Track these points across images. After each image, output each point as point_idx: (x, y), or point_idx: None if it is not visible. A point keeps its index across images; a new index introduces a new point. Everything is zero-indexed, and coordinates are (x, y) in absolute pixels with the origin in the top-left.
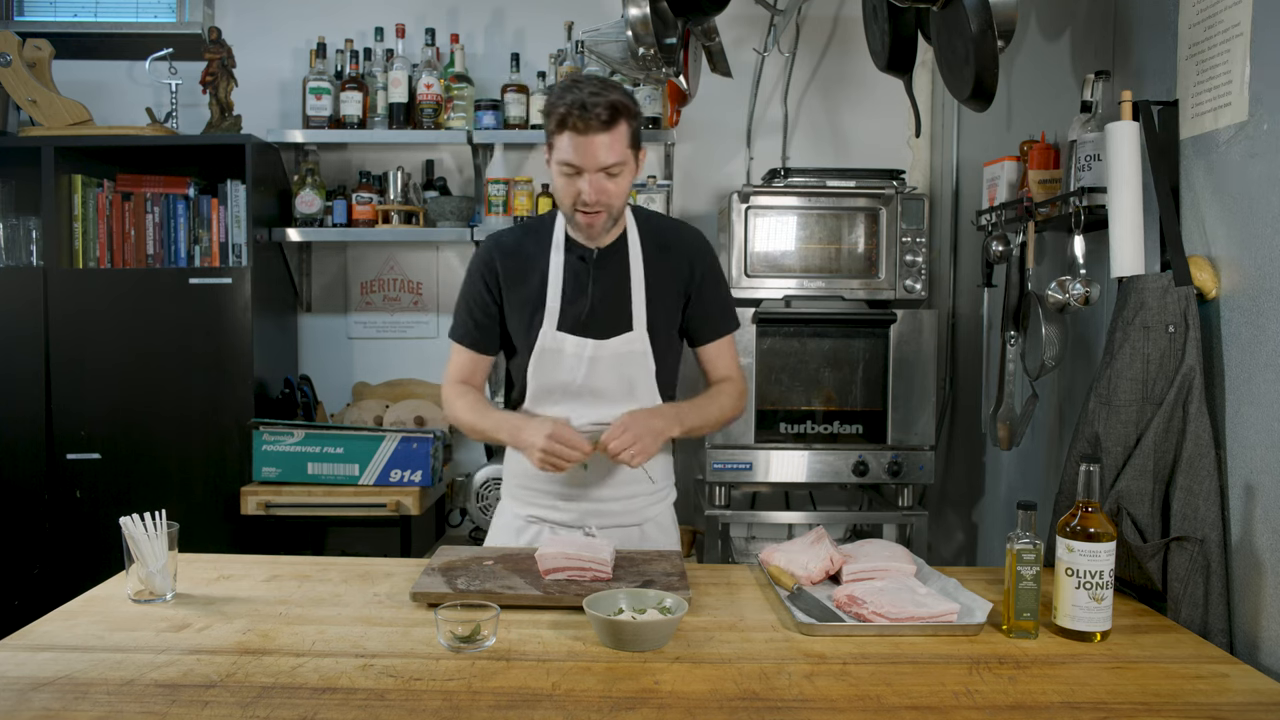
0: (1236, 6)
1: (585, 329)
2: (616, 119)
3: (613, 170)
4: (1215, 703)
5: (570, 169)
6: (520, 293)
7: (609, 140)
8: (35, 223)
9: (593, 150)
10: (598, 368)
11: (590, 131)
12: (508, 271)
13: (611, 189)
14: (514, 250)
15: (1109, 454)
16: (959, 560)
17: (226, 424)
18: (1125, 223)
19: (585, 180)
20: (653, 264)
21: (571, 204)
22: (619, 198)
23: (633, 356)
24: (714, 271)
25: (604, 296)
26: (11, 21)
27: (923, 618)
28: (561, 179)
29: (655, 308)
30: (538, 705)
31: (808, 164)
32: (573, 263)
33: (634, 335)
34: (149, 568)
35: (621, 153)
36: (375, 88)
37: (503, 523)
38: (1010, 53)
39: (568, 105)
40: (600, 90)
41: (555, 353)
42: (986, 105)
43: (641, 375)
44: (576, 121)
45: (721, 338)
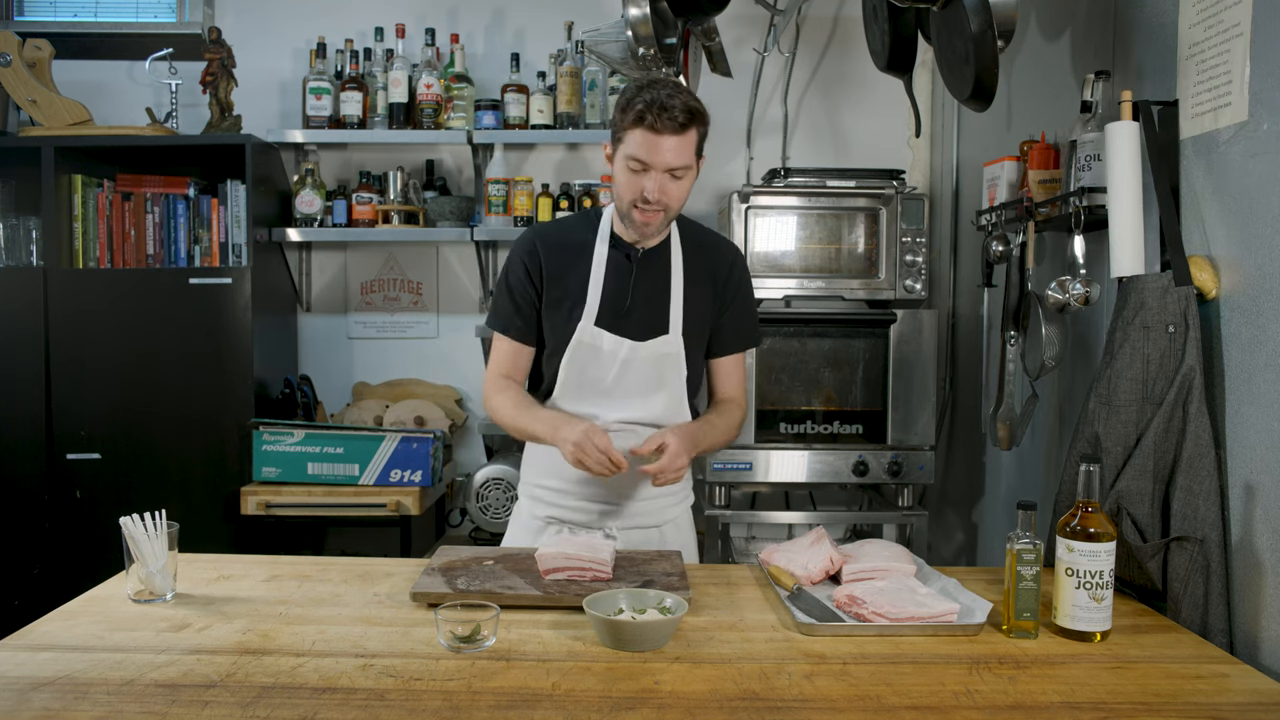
0: (1236, 6)
1: (623, 328)
2: (691, 123)
3: (678, 173)
4: (1215, 703)
5: (638, 165)
6: (561, 284)
7: (680, 143)
8: (35, 223)
9: (663, 150)
10: (631, 368)
11: (665, 131)
12: (550, 261)
13: (673, 190)
14: (557, 241)
15: (1109, 454)
16: (959, 560)
17: (226, 424)
18: (1125, 223)
19: (651, 178)
20: (692, 269)
21: (631, 200)
22: (678, 200)
23: (667, 359)
24: (747, 286)
25: (644, 297)
26: (11, 21)
27: (923, 618)
28: (626, 174)
29: (691, 312)
30: (538, 705)
31: (808, 164)
32: (617, 259)
33: (669, 338)
34: (149, 568)
35: (689, 156)
36: (375, 88)
37: (521, 524)
38: (1010, 53)
39: (646, 103)
40: (677, 92)
41: (591, 348)
42: (986, 105)
43: (673, 378)
44: (654, 120)
45: (739, 353)
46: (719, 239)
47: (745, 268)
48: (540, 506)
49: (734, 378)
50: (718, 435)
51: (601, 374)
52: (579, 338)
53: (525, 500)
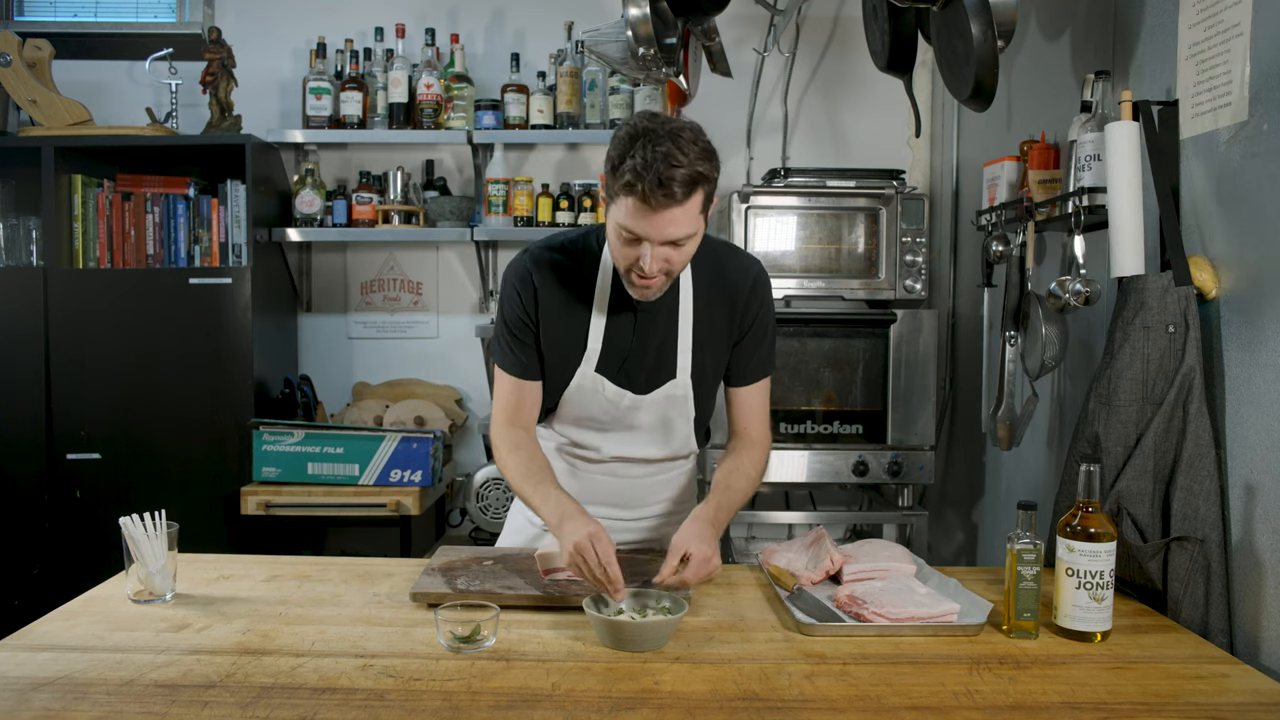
0: (1236, 6)
1: (626, 378)
2: (693, 191)
3: (680, 242)
4: (1215, 703)
5: (631, 235)
6: (559, 324)
7: (681, 214)
8: (35, 223)
9: (660, 225)
10: (634, 414)
11: (661, 207)
12: (546, 296)
13: (675, 258)
14: (554, 273)
15: (1109, 454)
16: (959, 560)
17: (226, 424)
18: (1125, 223)
19: (646, 249)
20: (704, 305)
21: (626, 269)
22: (681, 265)
23: (673, 401)
24: (767, 309)
25: (649, 343)
26: (11, 21)
27: (923, 618)
28: (618, 240)
29: (701, 353)
30: (538, 705)
31: (808, 164)
32: (618, 301)
33: (675, 384)
34: (149, 568)
35: (693, 224)
36: (375, 88)
37: (516, 526)
38: (1010, 53)
39: (636, 170)
40: (677, 151)
41: (592, 392)
42: (986, 105)
43: (679, 419)
44: (647, 192)
45: (759, 381)
46: (739, 258)
47: (767, 287)
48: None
49: (756, 412)
50: (739, 498)
51: (603, 418)
52: (579, 382)
53: (520, 505)
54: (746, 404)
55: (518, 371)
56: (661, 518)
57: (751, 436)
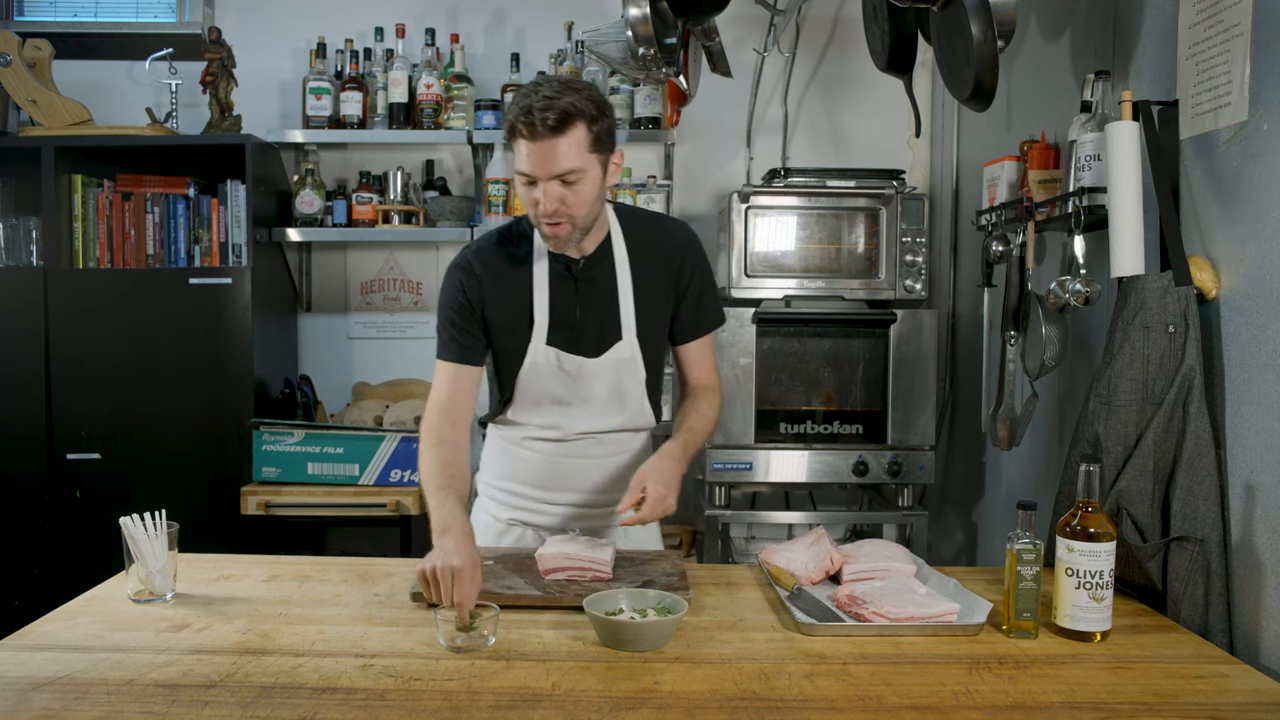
0: (1236, 6)
1: (576, 344)
2: (568, 122)
3: (568, 178)
4: (1215, 703)
5: (525, 177)
6: (505, 305)
7: (562, 145)
8: (35, 223)
9: (543, 157)
10: (589, 380)
11: (539, 138)
12: (490, 281)
13: (570, 199)
14: (494, 259)
15: (1109, 454)
16: (959, 560)
17: (226, 424)
18: (1125, 223)
19: (540, 189)
20: (641, 267)
21: (534, 214)
22: (581, 207)
23: (622, 364)
24: (702, 267)
25: (592, 308)
26: (11, 21)
27: (923, 618)
28: (521, 188)
29: (645, 314)
30: (538, 705)
31: (808, 164)
32: (557, 273)
33: (624, 344)
34: (149, 568)
35: (577, 159)
36: (375, 88)
37: (481, 524)
38: (1010, 53)
39: (516, 112)
40: (556, 94)
41: (546, 366)
42: (986, 105)
43: (631, 382)
44: (524, 128)
45: (703, 336)
46: (669, 223)
47: (699, 248)
48: (502, 509)
49: (705, 363)
50: (701, 436)
51: (559, 391)
52: (532, 358)
53: (486, 500)
54: (694, 359)
55: (455, 356)
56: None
57: (704, 384)
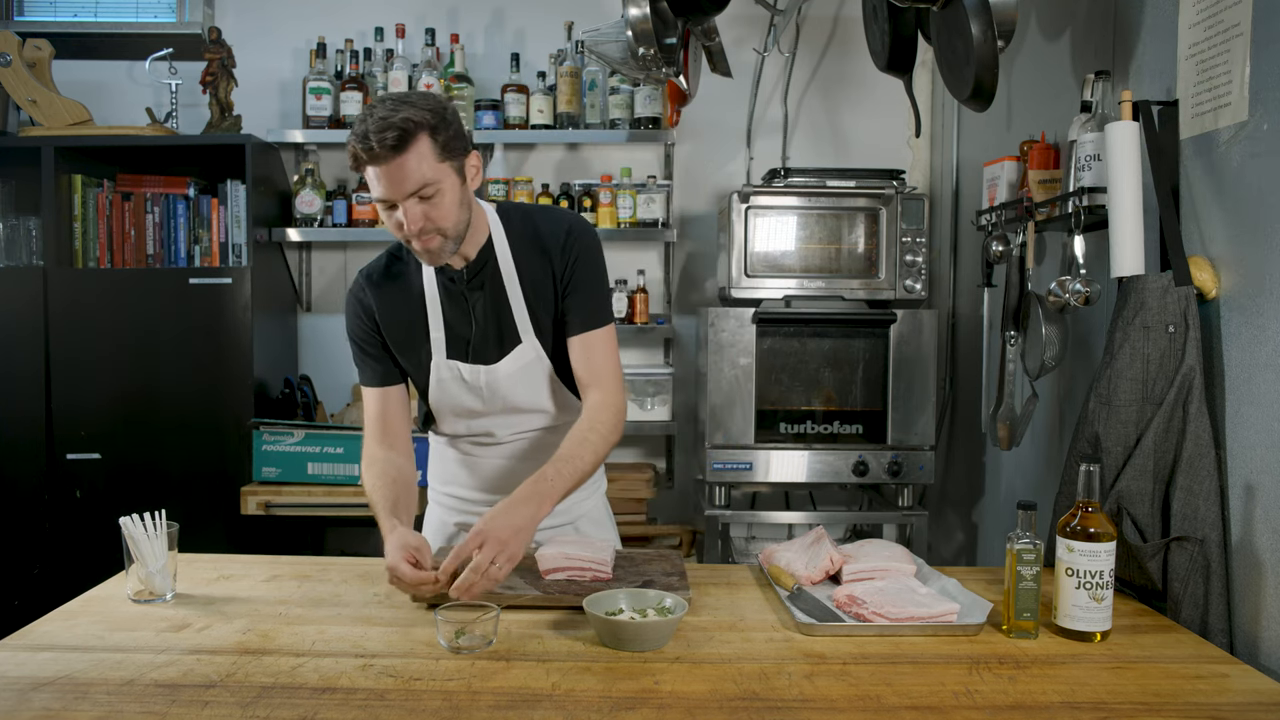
0: (1236, 6)
1: (476, 354)
2: (408, 139)
3: (424, 193)
4: (1215, 703)
5: (383, 203)
6: (400, 325)
7: (410, 163)
8: (35, 223)
9: (393, 179)
10: (498, 388)
11: (382, 160)
12: (382, 304)
13: (433, 213)
14: (383, 281)
15: (1109, 454)
16: (959, 560)
17: (226, 424)
18: (1125, 223)
19: (399, 211)
20: (525, 264)
21: (402, 237)
22: (447, 219)
23: (528, 368)
24: (585, 257)
25: (485, 316)
26: (11, 21)
27: (923, 618)
28: (383, 214)
29: (538, 312)
30: (538, 705)
31: (808, 164)
32: (445, 285)
33: (524, 347)
34: (149, 568)
35: (428, 173)
36: (375, 88)
37: (432, 530)
38: (1010, 53)
39: (355, 139)
40: (390, 111)
41: (453, 380)
42: (986, 105)
43: (543, 382)
44: (364, 154)
45: (590, 331)
46: (551, 214)
47: (584, 237)
48: (450, 514)
49: (594, 359)
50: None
51: (470, 401)
52: (437, 375)
53: (435, 507)
54: (580, 354)
55: (376, 380)
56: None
57: (595, 379)
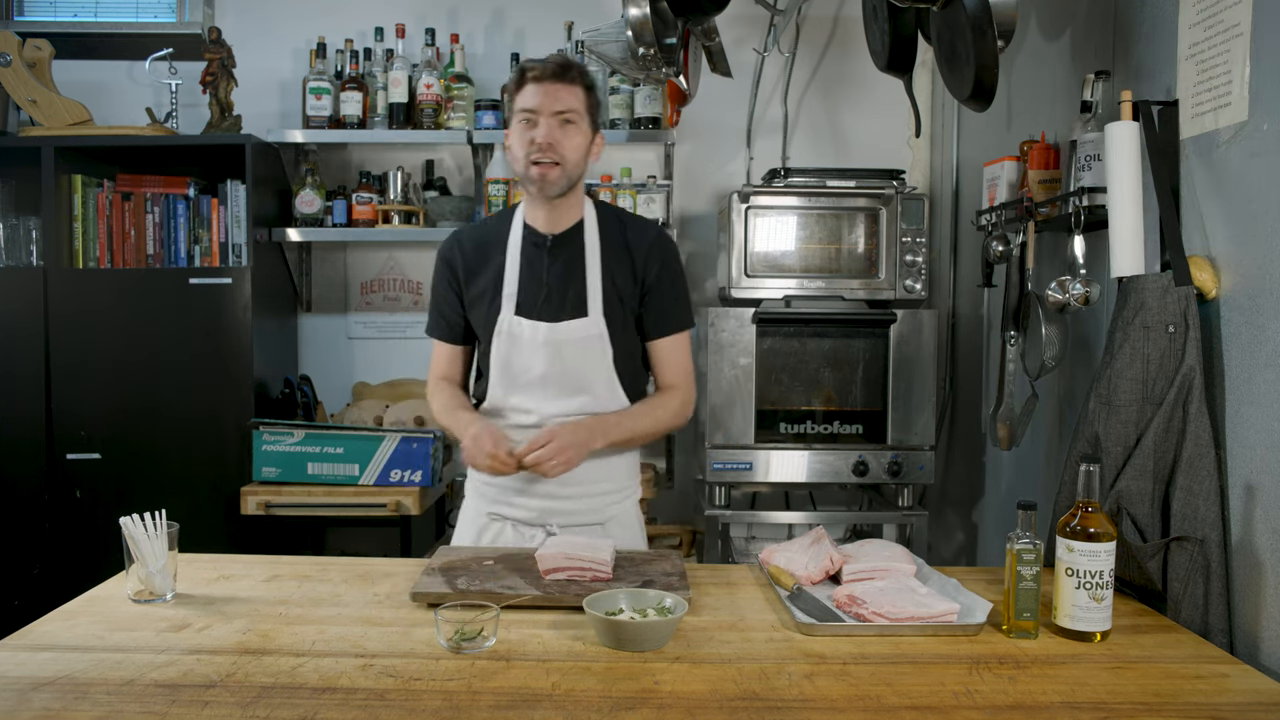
0: (1236, 6)
1: (541, 314)
2: (571, 74)
3: (568, 116)
4: (1215, 703)
5: (527, 114)
6: (480, 282)
7: (563, 89)
8: (35, 223)
9: (548, 94)
10: (555, 354)
11: (545, 78)
12: (468, 262)
13: (565, 141)
14: (474, 242)
15: (1109, 454)
16: (959, 560)
17: (226, 424)
18: (1125, 223)
19: (541, 124)
20: (610, 253)
21: (525, 154)
22: (573, 152)
23: (589, 342)
24: (672, 267)
25: (559, 281)
26: (11, 21)
27: (923, 618)
28: (519, 131)
29: (610, 294)
30: (538, 705)
31: (808, 164)
32: (529, 249)
33: (589, 320)
34: (149, 568)
35: (576, 104)
36: (375, 88)
37: (466, 519)
38: (1010, 53)
39: (524, 64)
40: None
41: (514, 338)
42: (986, 105)
43: (600, 362)
44: (535, 71)
45: (672, 335)
46: (642, 220)
47: (672, 250)
48: (484, 503)
49: (674, 361)
50: (643, 422)
51: (528, 362)
52: (500, 328)
53: (471, 496)
54: (665, 354)
55: (446, 335)
56: (603, 495)
57: (674, 380)
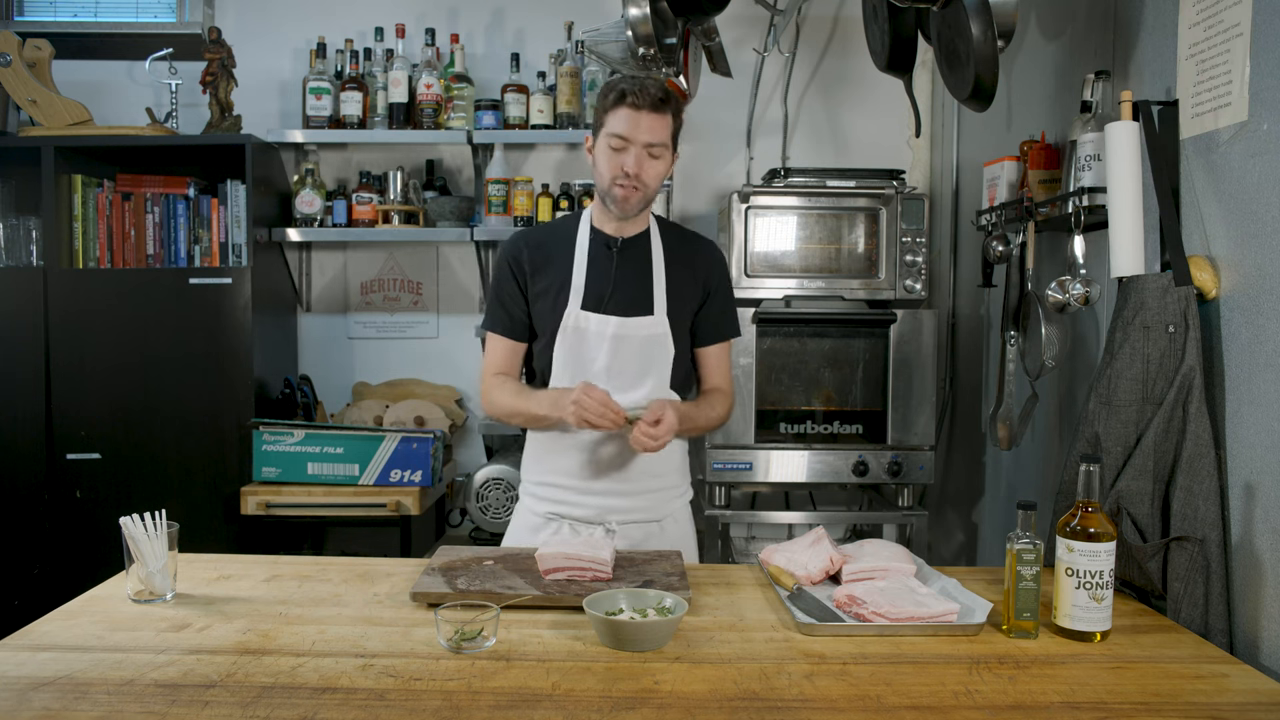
0: (1236, 6)
1: (608, 309)
2: (667, 103)
3: (655, 150)
4: (1215, 703)
5: (620, 141)
6: (544, 279)
7: (658, 121)
8: (35, 223)
9: (643, 125)
10: (620, 348)
11: (644, 108)
12: (534, 260)
13: (650, 169)
14: (540, 242)
15: (1109, 454)
16: (959, 560)
17: (226, 424)
18: (1125, 223)
19: (631, 154)
20: (673, 259)
21: (612, 177)
22: (655, 180)
23: (653, 339)
24: (726, 280)
25: (626, 280)
26: (11, 21)
27: (923, 618)
28: (607, 154)
29: (674, 296)
30: (538, 705)
31: (808, 164)
32: (597, 248)
33: (654, 319)
34: (149, 568)
35: (665, 137)
36: (375, 88)
37: (521, 521)
38: (1010, 53)
39: (627, 84)
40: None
41: (580, 332)
42: (986, 105)
43: (661, 360)
44: (634, 97)
45: (723, 341)
46: (696, 234)
47: (724, 260)
48: (541, 504)
49: (721, 366)
50: (705, 420)
51: (592, 355)
52: (566, 322)
53: (526, 498)
54: (712, 364)
55: (504, 329)
56: (655, 493)
57: (719, 385)
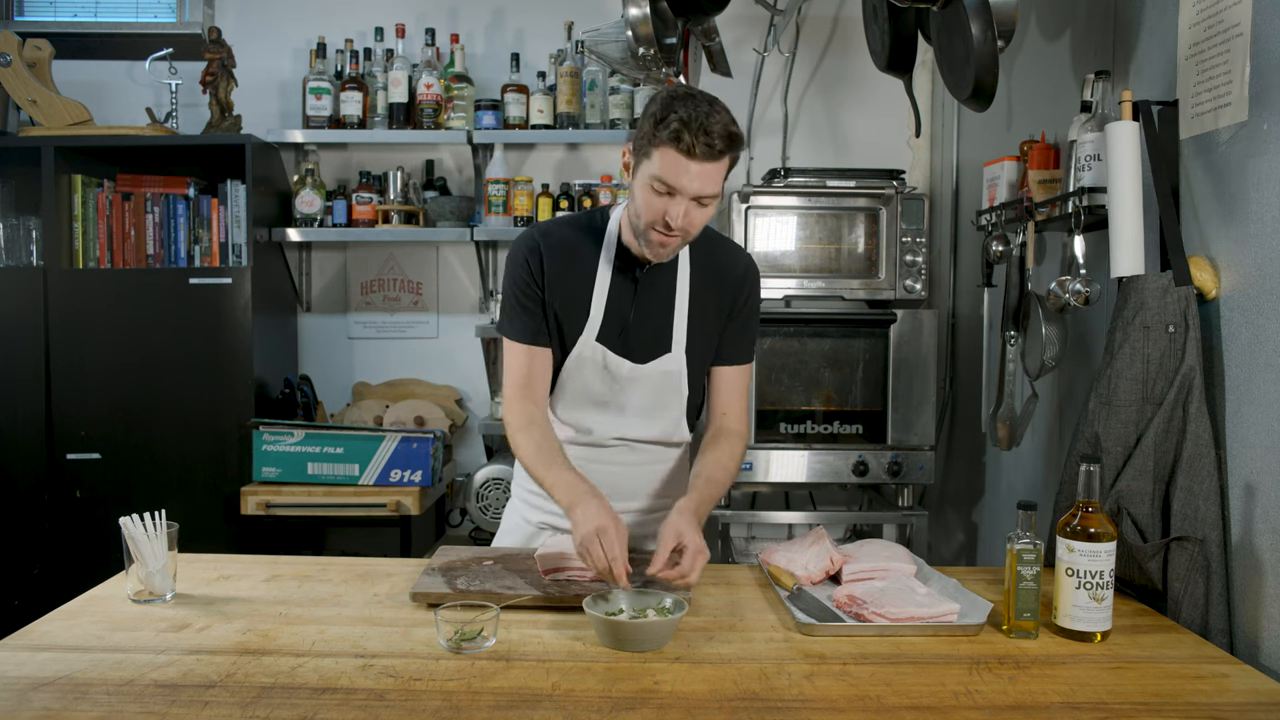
0: (1236, 6)
1: (625, 348)
2: (729, 149)
3: (704, 201)
4: (1215, 703)
5: (664, 187)
6: (563, 291)
7: (714, 170)
8: (35, 223)
9: (694, 176)
10: (630, 386)
11: (699, 157)
12: (552, 264)
13: (695, 219)
14: (560, 244)
15: (1109, 454)
16: (959, 560)
17: (226, 424)
18: (1125, 223)
19: (677, 204)
20: (700, 285)
21: (650, 223)
22: (698, 228)
23: (668, 378)
24: (756, 300)
25: (646, 315)
26: (11, 21)
27: (923, 618)
28: (648, 194)
29: (695, 331)
30: (538, 705)
31: (808, 164)
32: (620, 272)
33: (671, 357)
34: (149, 568)
35: (719, 184)
36: (375, 88)
37: (512, 525)
38: (1010, 53)
39: (683, 120)
40: (716, 111)
41: (591, 362)
42: (986, 105)
43: (674, 397)
44: (691, 142)
45: (738, 365)
46: (733, 247)
47: (758, 278)
48: (535, 512)
49: (734, 393)
50: (718, 490)
51: (601, 389)
52: (579, 352)
53: (519, 503)
54: (728, 386)
55: (527, 337)
56: (653, 511)
57: (730, 426)
